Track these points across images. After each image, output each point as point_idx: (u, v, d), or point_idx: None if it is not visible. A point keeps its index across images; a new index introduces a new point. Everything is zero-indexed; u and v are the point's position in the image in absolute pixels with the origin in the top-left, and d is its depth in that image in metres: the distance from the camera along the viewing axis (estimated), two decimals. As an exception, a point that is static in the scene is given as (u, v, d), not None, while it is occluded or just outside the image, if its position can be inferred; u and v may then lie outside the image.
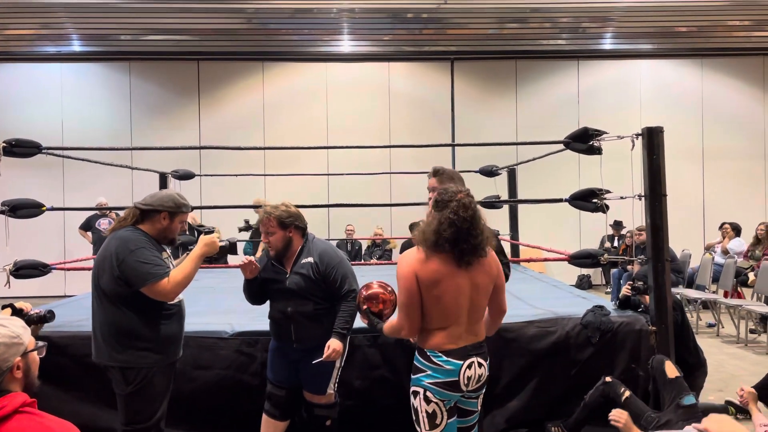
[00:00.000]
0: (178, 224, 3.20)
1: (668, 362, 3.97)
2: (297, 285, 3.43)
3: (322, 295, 3.45)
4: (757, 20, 11.62)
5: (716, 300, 8.00)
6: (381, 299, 3.15)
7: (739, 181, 12.35)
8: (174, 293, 3.04)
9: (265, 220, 3.46)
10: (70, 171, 11.44)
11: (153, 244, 3.11)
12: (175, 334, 3.17)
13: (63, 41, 11.77)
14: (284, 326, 3.47)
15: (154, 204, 3.14)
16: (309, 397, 3.55)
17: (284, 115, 12.23)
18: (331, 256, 3.49)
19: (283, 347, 3.54)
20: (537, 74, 12.49)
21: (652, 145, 4.30)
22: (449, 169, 3.54)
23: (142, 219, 3.15)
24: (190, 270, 3.08)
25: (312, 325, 3.43)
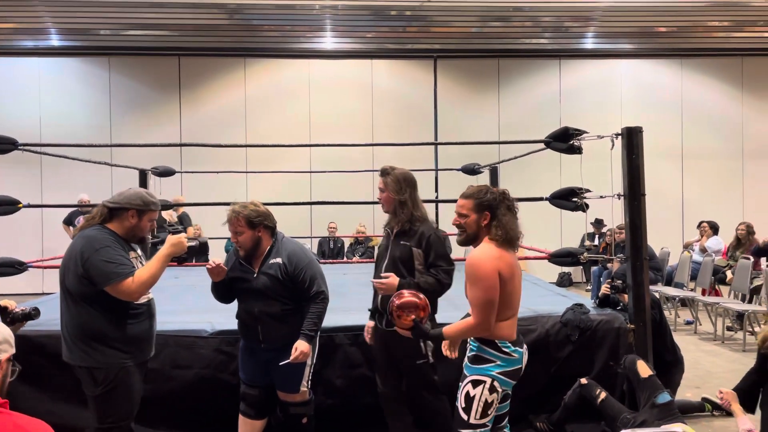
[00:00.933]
0: (147, 222, 3.15)
1: (640, 361, 4.00)
2: (265, 286, 3.40)
3: (290, 296, 3.42)
4: (736, 21, 11.76)
5: (694, 298, 8.10)
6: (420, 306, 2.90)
7: (718, 180, 12.51)
8: (139, 293, 2.99)
9: (233, 220, 3.41)
10: (48, 168, 11.29)
11: (120, 243, 3.06)
12: (145, 334, 3.11)
13: (41, 35, 11.60)
14: (251, 326, 3.45)
15: (122, 202, 3.09)
16: (283, 396, 3.53)
17: (266, 112, 12.16)
18: (300, 257, 3.45)
19: (250, 349, 3.52)
20: (519, 73, 12.55)
21: (631, 144, 4.34)
22: (398, 170, 3.53)
23: (111, 218, 3.10)
24: (156, 270, 3.02)
25: (279, 325, 3.40)
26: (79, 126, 11.66)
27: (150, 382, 3.89)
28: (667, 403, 3.76)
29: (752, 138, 12.58)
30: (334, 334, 4.12)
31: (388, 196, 3.49)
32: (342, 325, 4.19)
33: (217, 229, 8.47)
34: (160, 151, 10.73)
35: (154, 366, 3.93)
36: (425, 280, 3.33)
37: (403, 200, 3.47)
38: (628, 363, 4.03)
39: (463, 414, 2.83)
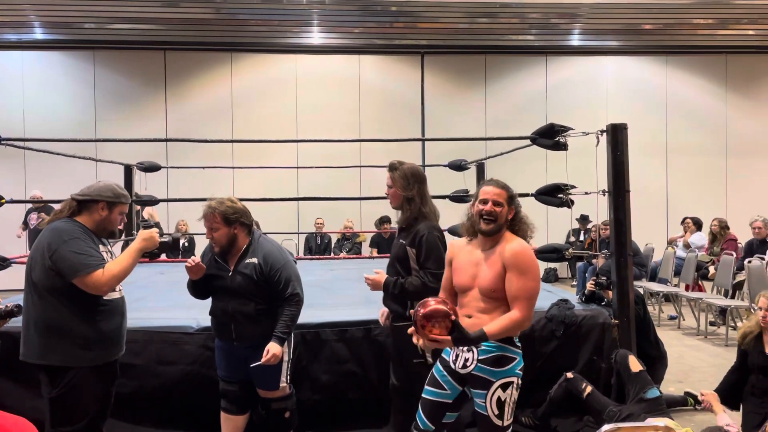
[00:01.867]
0: (118, 216, 3.08)
1: (632, 356, 4.05)
2: (240, 285, 3.37)
3: (264, 296, 3.39)
4: (721, 19, 11.87)
5: (678, 293, 8.18)
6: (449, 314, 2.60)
7: (702, 176, 12.63)
8: (108, 286, 2.89)
9: (209, 216, 3.38)
10: (32, 162, 11.18)
11: (90, 236, 2.98)
12: (113, 332, 3.00)
13: (25, 29, 11.46)
14: (225, 324, 3.43)
15: (92, 194, 3.02)
16: (263, 393, 3.52)
17: (253, 107, 12.11)
18: (276, 257, 3.41)
19: (226, 347, 3.50)
20: (506, 69, 12.58)
21: (616, 141, 4.38)
22: (406, 165, 3.46)
23: (80, 210, 3.02)
24: (127, 264, 2.96)
25: (252, 325, 3.38)
26: (64, 120, 11.55)
27: (135, 378, 3.91)
28: (655, 398, 3.80)
29: (735, 135, 12.72)
30: (320, 330, 4.12)
31: (396, 191, 3.43)
32: (329, 320, 4.20)
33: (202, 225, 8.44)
34: (145, 145, 10.70)
35: (139, 362, 3.93)
36: (410, 281, 3.26)
37: (410, 196, 3.40)
38: (620, 357, 4.07)
39: (497, 421, 2.71)
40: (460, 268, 2.88)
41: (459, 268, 2.88)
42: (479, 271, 2.81)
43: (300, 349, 4.03)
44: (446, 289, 2.99)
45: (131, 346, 3.91)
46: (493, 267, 2.78)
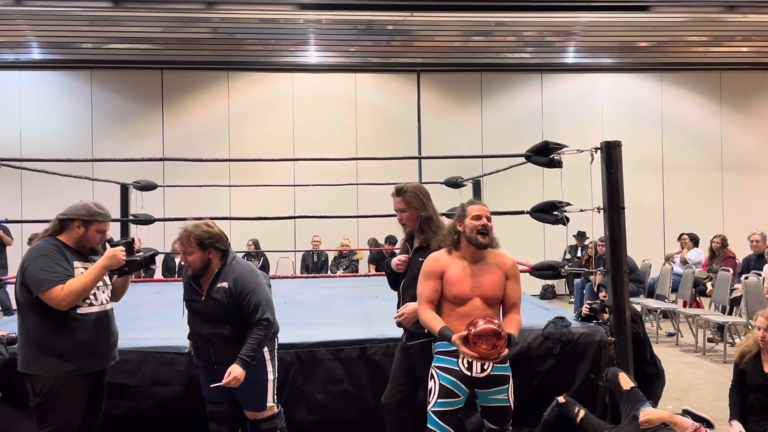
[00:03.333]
0: (96, 234, 3.22)
1: (622, 374, 4.02)
2: (211, 310, 3.37)
3: (238, 320, 3.37)
4: (715, 36, 11.96)
5: (675, 309, 8.16)
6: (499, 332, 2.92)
7: (698, 192, 12.66)
8: (67, 301, 3.01)
9: (183, 239, 3.37)
10: (29, 182, 11.17)
11: (66, 253, 3.13)
12: (90, 344, 3.12)
13: (22, 48, 11.51)
14: (203, 348, 3.44)
15: (68, 213, 3.19)
16: (251, 415, 3.48)
17: (250, 126, 12.14)
18: (247, 281, 3.36)
19: (208, 369, 3.48)
20: (502, 87, 12.65)
21: (610, 158, 4.39)
22: (412, 185, 3.52)
23: (61, 230, 3.20)
24: (87, 281, 3.07)
25: (230, 347, 3.34)
26: (61, 139, 11.57)
27: (129, 399, 3.88)
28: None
29: (731, 151, 12.77)
30: (316, 350, 4.10)
31: (411, 214, 3.46)
32: (324, 340, 4.17)
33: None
34: (142, 164, 10.70)
35: (134, 383, 3.90)
36: None
37: (428, 216, 3.45)
38: (611, 375, 4.04)
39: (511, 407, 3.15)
40: (456, 280, 3.08)
41: (454, 280, 3.08)
42: (479, 282, 3.09)
43: (295, 368, 4.00)
44: (433, 301, 3.12)
45: (125, 366, 3.90)
46: (495, 277, 3.12)
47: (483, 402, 3.11)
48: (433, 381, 3.08)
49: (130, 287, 3.46)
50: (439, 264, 3.12)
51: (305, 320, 5.05)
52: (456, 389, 3.03)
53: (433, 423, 3.05)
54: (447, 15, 11.06)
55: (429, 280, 3.12)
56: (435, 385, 3.06)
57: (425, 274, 3.15)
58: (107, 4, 10.29)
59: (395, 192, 3.52)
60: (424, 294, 3.12)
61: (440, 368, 3.07)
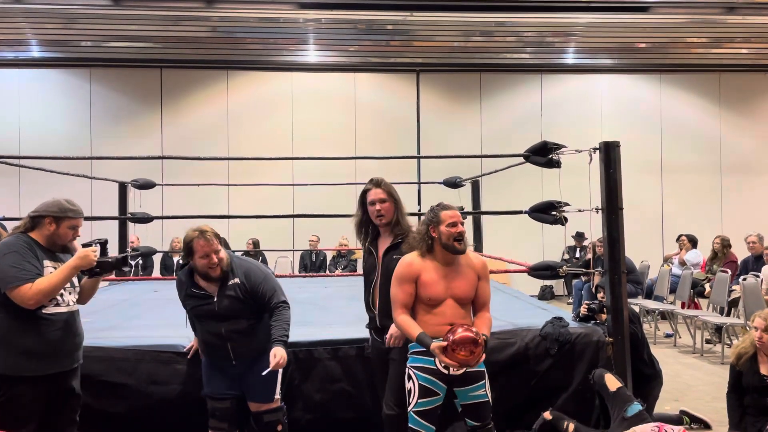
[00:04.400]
0: (68, 230, 3.17)
1: (608, 375, 4.00)
2: (227, 308, 3.40)
3: (253, 311, 3.45)
4: (714, 38, 11.97)
5: (673, 311, 8.16)
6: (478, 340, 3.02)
7: (696, 193, 12.67)
8: (34, 300, 2.97)
9: (211, 240, 3.36)
10: (27, 179, 11.15)
11: (37, 251, 3.09)
12: (55, 345, 3.07)
13: (22, 46, 11.50)
14: (220, 346, 3.44)
15: (39, 210, 3.16)
16: (256, 407, 3.51)
17: (249, 125, 12.14)
18: (256, 273, 3.47)
19: (219, 366, 3.51)
20: (501, 87, 12.65)
21: (609, 159, 4.38)
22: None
23: (33, 227, 3.15)
24: (56, 281, 3.02)
25: (248, 340, 3.43)
26: (60, 137, 11.56)
27: (126, 398, 3.87)
28: (637, 414, 3.72)
29: (729, 152, 12.78)
30: (313, 348, 4.09)
31: (390, 206, 3.43)
32: (321, 339, 4.17)
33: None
34: (141, 163, 10.67)
35: (131, 382, 3.88)
36: None
37: (401, 212, 3.45)
38: (597, 378, 4.02)
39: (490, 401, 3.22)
40: (430, 282, 3.13)
41: (429, 283, 3.13)
42: (452, 284, 3.15)
43: (292, 367, 3.99)
44: (408, 305, 3.15)
45: (122, 365, 3.90)
46: (468, 278, 3.18)
47: (463, 400, 3.17)
48: (411, 382, 3.12)
49: (128, 285, 3.47)
50: (413, 268, 3.15)
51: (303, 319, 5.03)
52: (435, 387, 3.10)
53: (415, 423, 3.09)
54: (447, 15, 11.06)
55: (404, 285, 3.14)
56: (414, 385, 3.10)
57: (399, 279, 3.16)
58: (107, 2, 10.29)
59: (374, 183, 3.47)
60: (399, 299, 3.15)
61: (417, 368, 3.12)
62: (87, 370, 3.84)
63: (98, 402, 3.84)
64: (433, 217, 3.20)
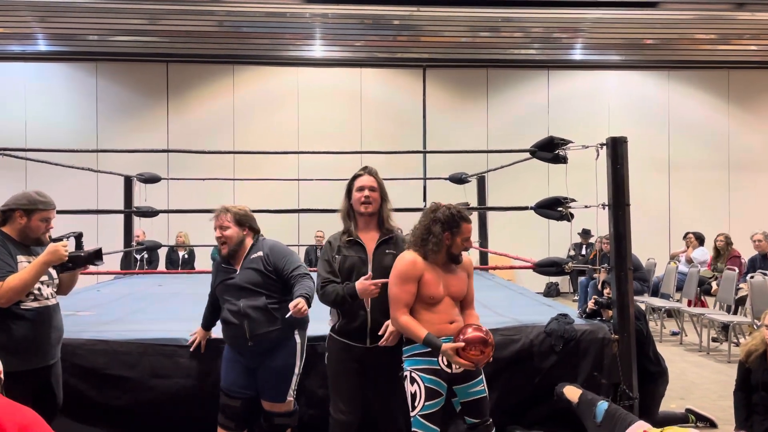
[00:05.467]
0: (39, 222, 3.11)
1: (567, 387, 3.96)
2: (248, 280, 3.43)
3: (274, 290, 3.44)
4: (722, 34, 11.88)
5: (680, 308, 8.11)
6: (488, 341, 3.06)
7: (704, 191, 12.59)
8: (6, 298, 2.93)
9: (221, 216, 3.51)
10: (33, 173, 11.15)
11: (9, 246, 3.04)
12: (28, 340, 3.01)
13: (28, 40, 11.52)
14: (237, 325, 3.41)
15: (9, 203, 3.10)
16: (269, 406, 3.48)
17: (254, 120, 12.13)
18: (282, 248, 3.56)
19: (238, 352, 3.50)
20: (508, 83, 12.60)
21: (616, 155, 4.34)
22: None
23: (3, 221, 3.11)
24: (28, 277, 2.97)
25: (265, 320, 3.39)
26: (66, 131, 11.58)
27: (129, 391, 3.87)
28: (605, 416, 3.63)
29: (738, 150, 12.69)
30: (317, 344, 4.06)
31: (378, 196, 3.28)
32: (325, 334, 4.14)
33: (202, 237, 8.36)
34: (147, 157, 10.71)
35: (134, 375, 3.88)
36: None
37: (388, 206, 3.33)
38: (558, 394, 3.97)
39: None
40: (432, 282, 3.10)
41: (430, 282, 3.10)
42: (449, 283, 3.15)
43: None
44: (409, 304, 3.09)
45: (125, 358, 3.89)
46: (461, 277, 3.21)
47: (463, 398, 3.16)
48: (416, 384, 3.05)
49: (133, 279, 3.46)
50: (417, 268, 3.08)
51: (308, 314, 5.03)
52: (439, 388, 3.08)
53: (423, 427, 3.03)
54: (454, 10, 11.01)
55: (407, 284, 3.07)
56: (420, 388, 3.04)
57: (403, 278, 3.06)
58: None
59: (368, 170, 3.32)
60: (402, 298, 3.07)
61: (422, 370, 3.06)
62: (90, 363, 3.87)
63: (101, 395, 3.86)
64: (453, 225, 3.11)
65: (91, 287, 7.19)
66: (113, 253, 7.77)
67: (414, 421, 3.04)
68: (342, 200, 3.39)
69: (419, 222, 3.21)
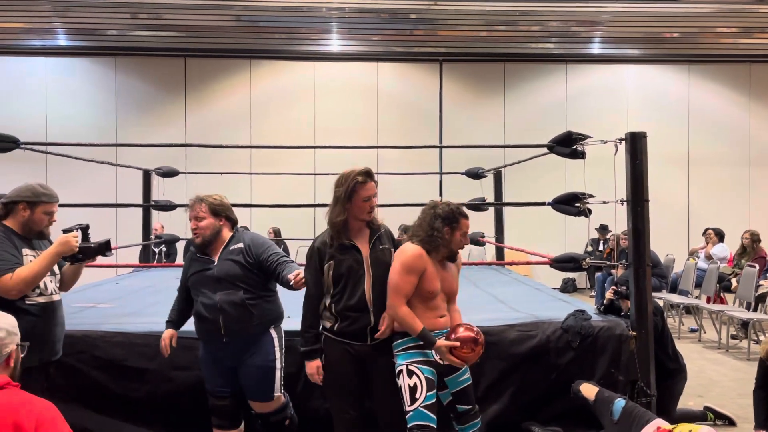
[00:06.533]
0: (43, 215, 3.06)
1: (584, 385, 3.93)
2: (226, 273, 3.31)
3: (252, 283, 3.32)
4: (744, 27, 11.71)
5: (699, 305, 8.04)
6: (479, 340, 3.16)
7: (724, 187, 12.43)
8: (17, 290, 2.88)
9: (195, 206, 3.38)
10: (53, 167, 11.29)
11: (14, 239, 2.99)
12: (35, 335, 2.90)
13: (49, 35, 11.65)
14: (212, 320, 3.30)
15: (12, 196, 3.04)
16: (258, 407, 3.41)
17: (271, 114, 12.17)
18: (264, 240, 3.50)
19: (213, 349, 3.39)
20: (525, 77, 12.52)
21: (635, 150, 4.30)
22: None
23: (6, 214, 3.04)
24: (38, 269, 2.92)
25: (242, 316, 3.28)
26: (85, 126, 11.70)
27: (148, 382, 3.91)
28: (622, 413, 3.61)
29: (759, 145, 12.51)
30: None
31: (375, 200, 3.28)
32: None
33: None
34: (165, 151, 10.74)
35: (153, 367, 3.92)
36: None
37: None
38: (574, 392, 3.94)
39: None
40: (432, 277, 3.18)
41: (430, 277, 3.18)
42: (444, 278, 3.25)
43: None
44: (408, 296, 3.14)
45: (144, 351, 3.93)
46: (454, 274, 3.33)
47: (454, 387, 3.26)
48: (415, 377, 3.09)
49: (151, 272, 3.47)
50: (422, 261, 3.15)
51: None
52: (435, 378, 3.17)
53: (425, 417, 3.06)
54: (471, 4, 10.96)
55: (411, 276, 3.11)
56: (420, 379, 3.09)
57: (408, 269, 3.10)
58: (132, -9, 10.37)
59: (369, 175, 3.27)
60: (403, 289, 3.10)
61: (420, 362, 3.12)
62: (109, 355, 3.92)
63: (120, 386, 3.90)
64: (453, 220, 3.20)
65: (111, 280, 7.27)
66: (132, 246, 7.86)
67: (416, 413, 3.06)
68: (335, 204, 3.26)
69: (421, 219, 3.26)
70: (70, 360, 3.71)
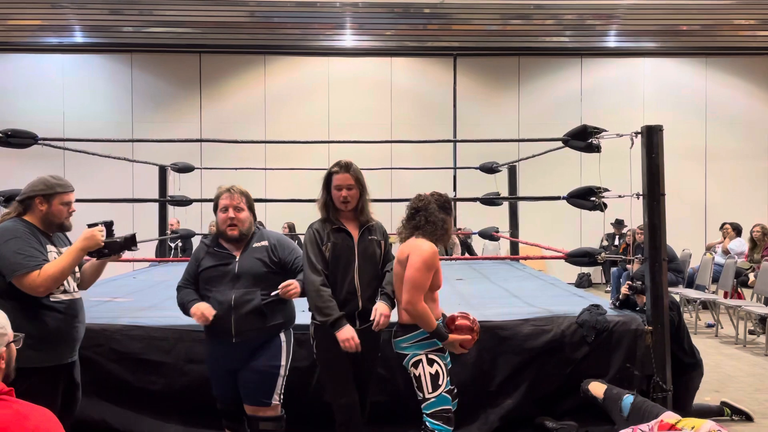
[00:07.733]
0: (61, 206, 2.97)
1: (592, 384, 3.92)
2: (248, 271, 3.22)
3: (272, 284, 3.23)
4: (763, 19, 11.55)
5: (716, 300, 7.96)
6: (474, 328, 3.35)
7: (742, 181, 12.29)
8: (45, 287, 2.82)
9: (235, 196, 3.28)
10: (70, 163, 11.41)
11: (38, 235, 2.92)
12: (60, 334, 2.90)
13: (65, 32, 11.75)
14: (224, 318, 3.18)
15: (26, 191, 2.97)
16: (252, 410, 3.27)
17: (286, 109, 12.20)
18: (289, 241, 3.49)
19: (220, 349, 3.28)
20: (540, 71, 12.44)
21: (651, 143, 4.27)
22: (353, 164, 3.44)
23: (25, 210, 2.97)
24: (65, 264, 2.86)
25: (254, 318, 3.20)
26: (102, 122, 11.80)
27: (164, 375, 3.95)
28: (631, 409, 3.60)
29: (778, 139, 12.35)
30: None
31: (356, 192, 3.30)
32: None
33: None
34: (180, 146, 10.86)
35: (169, 360, 3.96)
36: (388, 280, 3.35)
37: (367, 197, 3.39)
38: (584, 391, 3.93)
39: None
40: (440, 272, 3.31)
41: (440, 272, 3.30)
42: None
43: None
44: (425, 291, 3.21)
45: (161, 344, 3.98)
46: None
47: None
48: (436, 365, 3.21)
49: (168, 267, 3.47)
50: (438, 258, 3.26)
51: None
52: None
53: (449, 402, 3.21)
54: (485, -3, 10.91)
55: (430, 272, 3.19)
56: (441, 367, 3.22)
57: (428, 266, 3.16)
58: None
59: (344, 167, 3.30)
60: (424, 286, 3.17)
61: (437, 350, 3.24)
62: (127, 348, 3.96)
63: (138, 379, 3.95)
64: (450, 210, 3.35)
65: (128, 274, 7.35)
66: (148, 241, 7.92)
67: (440, 398, 3.18)
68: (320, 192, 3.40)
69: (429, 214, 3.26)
70: (89, 353, 3.75)
